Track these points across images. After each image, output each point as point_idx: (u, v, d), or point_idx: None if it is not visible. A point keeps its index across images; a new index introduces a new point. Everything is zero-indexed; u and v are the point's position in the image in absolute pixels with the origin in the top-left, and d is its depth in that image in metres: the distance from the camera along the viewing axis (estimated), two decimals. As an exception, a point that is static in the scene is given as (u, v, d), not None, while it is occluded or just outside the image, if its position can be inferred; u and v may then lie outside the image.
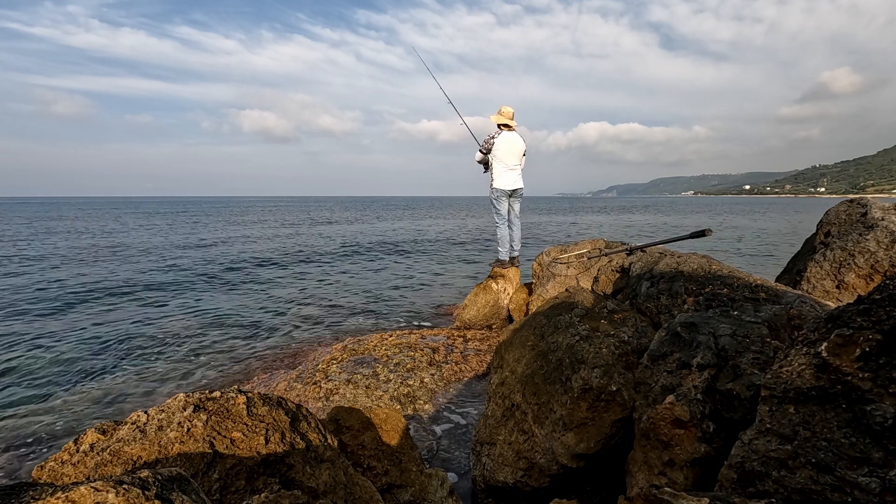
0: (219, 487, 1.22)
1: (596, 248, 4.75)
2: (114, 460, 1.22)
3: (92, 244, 15.73)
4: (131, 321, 6.11)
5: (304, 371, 4.27)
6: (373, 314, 6.45)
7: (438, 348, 4.63)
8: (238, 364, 4.57)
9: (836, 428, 0.96)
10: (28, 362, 4.62)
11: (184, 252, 13.55)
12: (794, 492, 0.99)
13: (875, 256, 2.85)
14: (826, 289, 3.03)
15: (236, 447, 1.29)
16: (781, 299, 1.93)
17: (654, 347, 1.80)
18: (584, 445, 1.94)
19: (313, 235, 19.53)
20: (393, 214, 39.92)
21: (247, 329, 5.75)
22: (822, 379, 1.00)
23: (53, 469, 1.23)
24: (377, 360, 4.36)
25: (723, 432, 1.41)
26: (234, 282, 8.92)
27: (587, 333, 2.19)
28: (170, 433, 1.26)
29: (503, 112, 5.45)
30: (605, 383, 1.94)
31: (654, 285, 2.61)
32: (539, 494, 2.17)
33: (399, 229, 22.77)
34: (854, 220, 3.23)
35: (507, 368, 2.50)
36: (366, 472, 1.86)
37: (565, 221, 30.19)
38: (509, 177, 5.50)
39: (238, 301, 7.32)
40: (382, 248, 14.72)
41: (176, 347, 5.08)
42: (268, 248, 14.60)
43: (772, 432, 1.08)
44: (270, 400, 1.48)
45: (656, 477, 1.55)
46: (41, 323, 6.01)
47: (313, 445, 1.46)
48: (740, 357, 1.52)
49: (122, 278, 9.23)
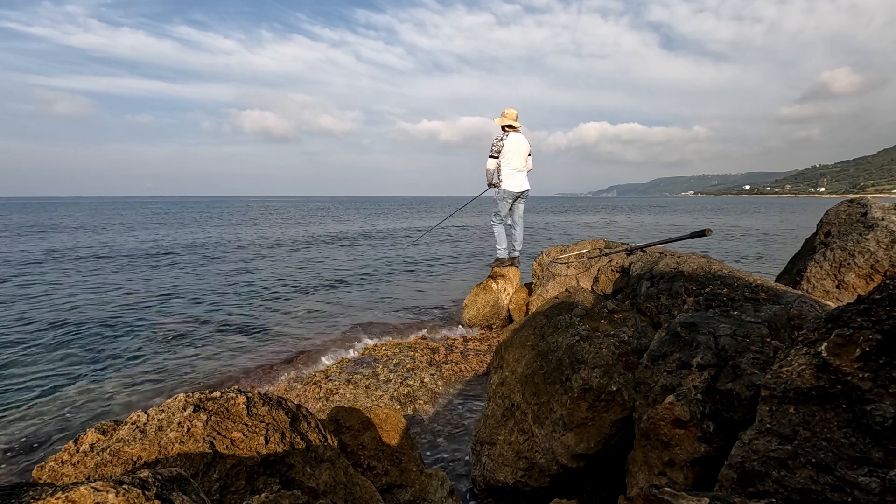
0: (219, 487, 1.22)
1: (596, 248, 4.75)
2: (114, 460, 1.22)
3: (91, 244, 15.73)
4: (131, 321, 6.11)
5: (304, 371, 4.27)
6: (373, 314, 6.45)
7: (438, 348, 4.63)
8: (238, 364, 4.57)
9: (836, 428, 0.96)
10: (28, 362, 4.62)
11: (183, 252, 13.56)
12: (794, 492, 0.99)
13: (875, 256, 2.85)
14: (826, 289, 3.04)
15: (236, 447, 1.29)
16: (781, 299, 1.93)
17: (654, 347, 1.80)
18: (584, 445, 1.94)
19: (313, 235, 19.54)
20: (393, 214, 39.94)
21: (246, 329, 5.75)
22: (822, 379, 1.00)
23: (53, 469, 1.23)
24: (377, 360, 4.36)
25: (723, 432, 1.41)
26: (234, 282, 8.91)
27: (587, 333, 2.19)
28: (170, 433, 1.26)
29: (507, 114, 5.45)
30: (605, 383, 1.94)
31: (654, 285, 2.61)
32: (539, 494, 2.17)
33: (399, 229, 22.78)
34: (854, 220, 3.23)
35: (507, 368, 2.51)
36: (366, 472, 1.86)
37: (565, 221, 30.19)
38: (517, 179, 5.51)
39: (238, 301, 7.32)
40: (382, 248, 14.72)
41: (176, 347, 5.07)
42: (267, 248, 14.60)
43: (772, 432, 1.08)
44: (270, 400, 1.48)
45: (656, 477, 1.55)
46: (41, 323, 6.01)
47: (313, 445, 1.46)
48: (740, 357, 1.52)
49: (123, 278, 9.24)
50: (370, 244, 15.82)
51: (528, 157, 5.57)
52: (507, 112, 5.44)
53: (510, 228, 5.83)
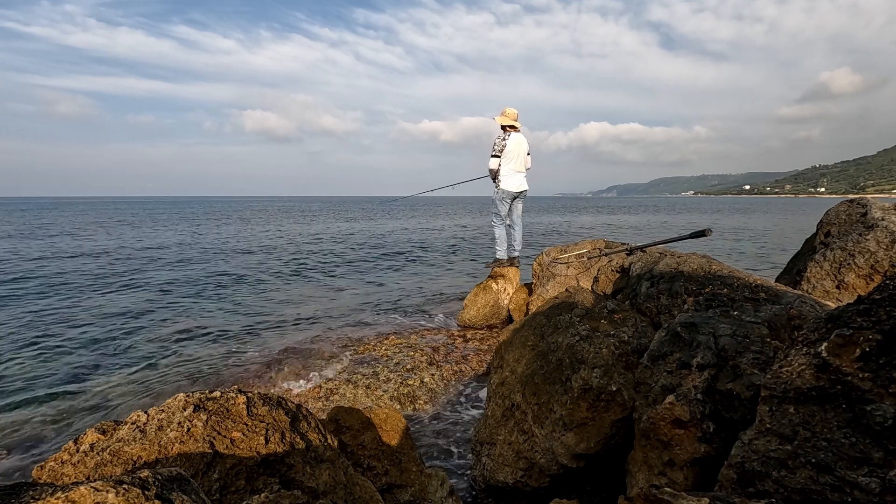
0: (219, 487, 1.22)
1: (596, 248, 4.75)
2: (114, 460, 1.22)
3: (91, 245, 15.73)
4: (131, 321, 6.11)
5: (304, 371, 4.27)
6: (372, 314, 6.45)
7: (438, 348, 4.64)
8: (238, 364, 4.57)
9: (836, 428, 0.96)
10: (28, 362, 4.62)
11: (182, 253, 13.56)
12: (794, 492, 0.99)
13: (875, 256, 2.85)
14: (826, 289, 3.03)
15: (236, 447, 1.29)
16: (781, 299, 1.92)
17: (654, 347, 1.80)
18: (584, 445, 1.94)
19: (313, 235, 19.54)
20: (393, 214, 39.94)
21: (246, 329, 5.75)
22: (822, 379, 1.00)
23: (53, 469, 1.23)
24: (377, 360, 4.36)
25: (723, 432, 1.41)
26: (233, 282, 8.92)
27: (587, 333, 2.19)
28: (170, 433, 1.26)
29: (507, 113, 5.45)
30: (605, 383, 1.94)
31: (654, 285, 2.61)
32: (539, 494, 2.17)
33: (399, 229, 22.78)
34: (854, 220, 3.23)
35: (507, 368, 2.51)
36: (366, 472, 1.86)
37: (565, 221, 30.18)
38: (516, 179, 5.52)
39: (237, 301, 7.32)
40: (382, 248, 14.72)
41: (176, 347, 5.07)
42: (267, 249, 14.60)
43: (772, 432, 1.08)
44: (270, 400, 1.48)
45: (656, 477, 1.55)
46: (41, 323, 6.01)
47: (313, 445, 1.46)
48: (740, 357, 1.52)
49: (123, 279, 9.23)
50: (369, 244, 15.82)
51: (528, 157, 5.58)
52: (508, 112, 5.44)
53: (509, 229, 5.83)
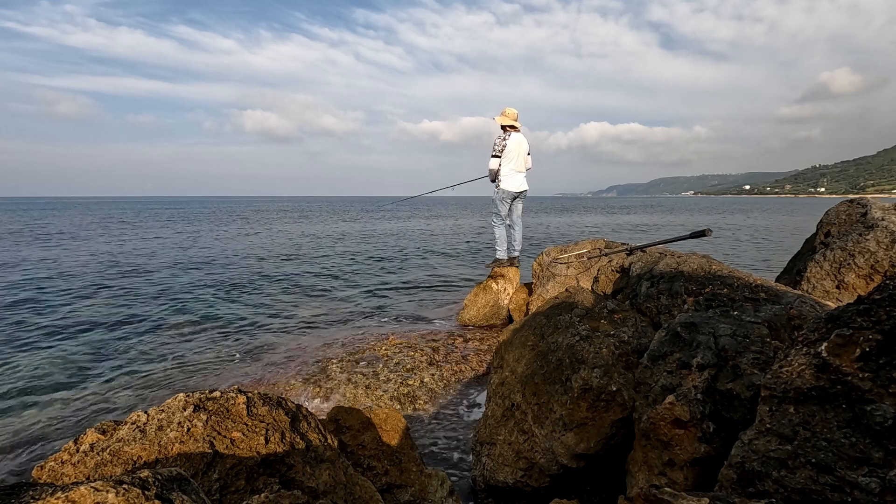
0: (219, 487, 1.22)
1: (596, 248, 4.75)
2: (114, 460, 1.22)
3: (91, 246, 15.73)
4: (131, 321, 6.11)
5: (304, 370, 4.27)
6: (373, 314, 6.45)
7: (438, 348, 4.63)
8: (238, 364, 4.57)
9: (836, 428, 0.96)
10: (28, 362, 4.62)
11: (182, 253, 13.55)
12: (794, 492, 0.99)
13: (875, 256, 2.85)
14: (826, 289, 3.03)
15: (236, 447, 1.29)
16: (781, 299, 1.92)
17: (654, 347, 1.80)
18: (584, 445, 1.94)
19: (313, 235, 19.54)
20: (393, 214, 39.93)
21: (246, 329, 5.75)
22: (822, 379, 1.00)
23: (53, 469, 1.23)
24: (377, 360, 4.36)
25: (723, 432, 1.41)
26: (233, 282, 8.91)
27: (587, 333, 2.19)
28: (170, 433, 1.26)
29: (507, 113, 5.44)
30: (605, 383, 1.94)
31: (654, 285, 2.61)
32: (539, 494, 2.17)
33: (399, 229, 22.78)
34: (854, 220, 3.23)
35: (507, 368, 2.51)
36: (366, 472, 1.86)
37: (565, 221, 30.18)
38: (516, 179, 5.52)
39: (237, 301, 7.32)
40: (382, 248, 14.72)
41: (176, 347, 5.07)
42: (266, 249, 14.60)
43: (772, 432, 1.08)
44: (270, 400, 1.48)
45: (656, 477, 1.55)
46: (41, 323, 6.01)
47: (313, 445, 1.46)
48: (740, 357, 1.52)
49: (122, 279, 9.23)
50: (370, 244, 15.82)
51: (528, 157, 5.58)
52: (508, 112, 5.44)
53: (509, 229, 5.83)
